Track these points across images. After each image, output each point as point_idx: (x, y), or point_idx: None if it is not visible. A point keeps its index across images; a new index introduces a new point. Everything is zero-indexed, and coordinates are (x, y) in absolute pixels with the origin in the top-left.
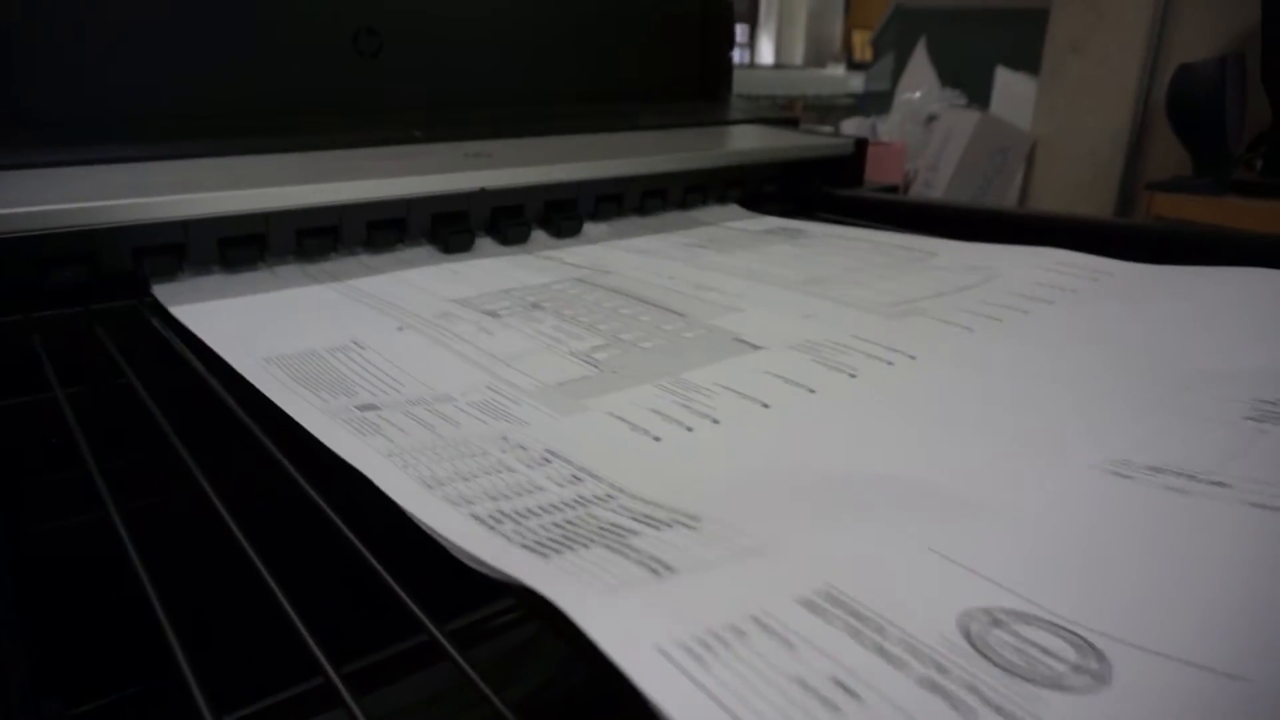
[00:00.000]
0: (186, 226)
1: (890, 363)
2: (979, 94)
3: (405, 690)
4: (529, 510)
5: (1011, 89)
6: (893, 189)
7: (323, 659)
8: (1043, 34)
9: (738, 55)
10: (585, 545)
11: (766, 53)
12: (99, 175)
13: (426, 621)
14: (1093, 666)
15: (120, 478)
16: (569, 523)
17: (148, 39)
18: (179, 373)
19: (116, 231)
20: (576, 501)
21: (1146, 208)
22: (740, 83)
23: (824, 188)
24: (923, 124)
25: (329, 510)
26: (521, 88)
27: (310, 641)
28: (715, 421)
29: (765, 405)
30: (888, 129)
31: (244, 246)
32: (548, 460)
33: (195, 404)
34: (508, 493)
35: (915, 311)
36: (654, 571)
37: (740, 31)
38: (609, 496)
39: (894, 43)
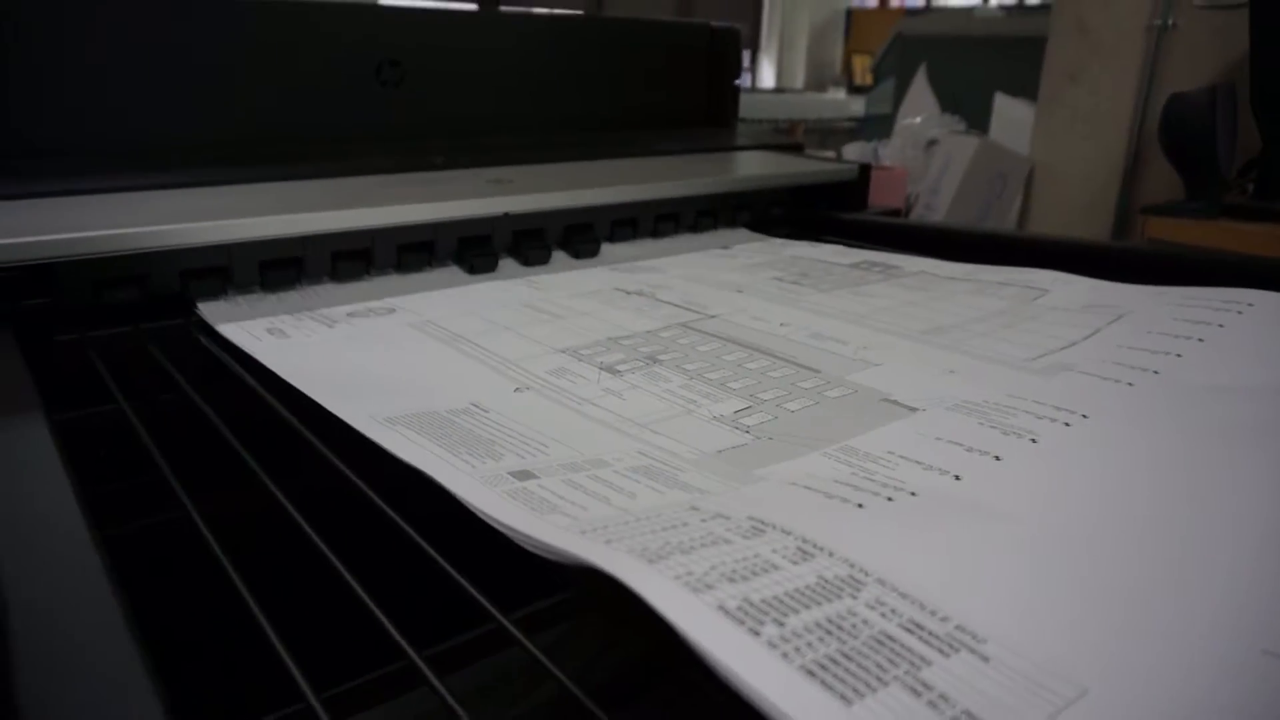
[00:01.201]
0: (230, 250)
1: (1067, 424)
2: (978, 120)
3: (479, 672)
4: (781, 603)
5: (1010, 115)
6: (895, 213)
7: (404, 644)
8: (1040, 62)
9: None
10: (879, 681)
11: (768, 76)
12: (145, 202)
13: (490, 608)
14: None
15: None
16: (837, 627)
17: (187, 74)
18: (229, 385)
19: (166, 255)
20: (822, 587)
21: (1141, 231)
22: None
23: (829, 212)
24: (923, 149)
25: (385, 505)
26: (536, 116)
27: (390, 628)
28: (913, 494)
29: (957, 477)
30: (889, 154)
31: (283, 269)
32: (760, 530)
33: (248, 414)
34: (744, 572)
35: (1061, 366)
36: None
37: (743, 56)
38: (856, 581)
39: (894, 68)
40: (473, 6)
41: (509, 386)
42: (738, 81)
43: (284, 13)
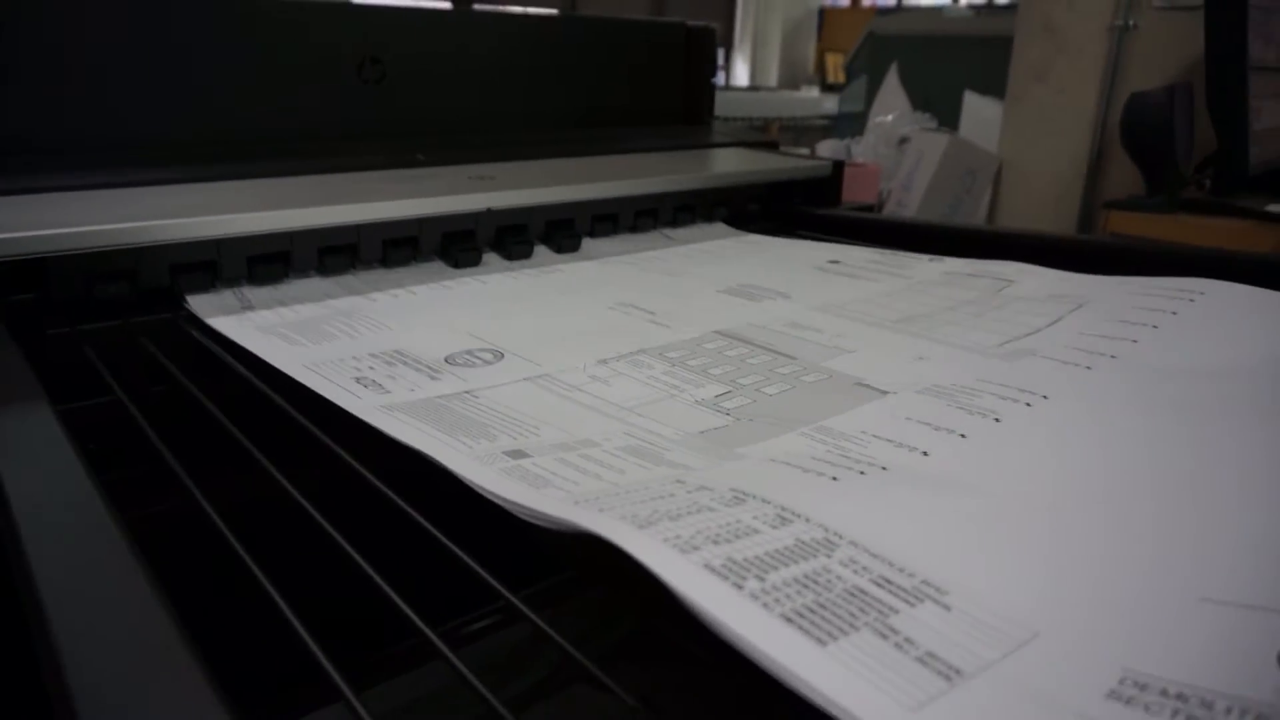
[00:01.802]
0: (218, 245)
1: (1029, 404)
2: (948, 117)
3: (487, 647)
4: (761, 561)
5: (979, 113)
6: (869, 208)
7: (415, 618)
8: (1009, 61)
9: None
10: (851, 627)
11: (742, 75)
12: (133, 198)
13: (491, 580)
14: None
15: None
16: (813, 581)
17: (170, 71)
18: (219, 376)
19: (155, 250)
20: (800, 548)
21: (1103, 225)
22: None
23: (804, 207)
24: (895, 146)
25: (388, 490)
26: (517, 113)
27: (400, 603)
28: (884, 469)
29: (925, 453)
30: (862, 151)
31: (270, 263)
32: (741, 500)
33: (239, 403)
34: (727, 536)
35: (1025, 352)
36: (945, 677)
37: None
38: (830, 543)
39: (867, 67)
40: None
41: (500, 374)
42: (713, 80)
43: (267, 11)
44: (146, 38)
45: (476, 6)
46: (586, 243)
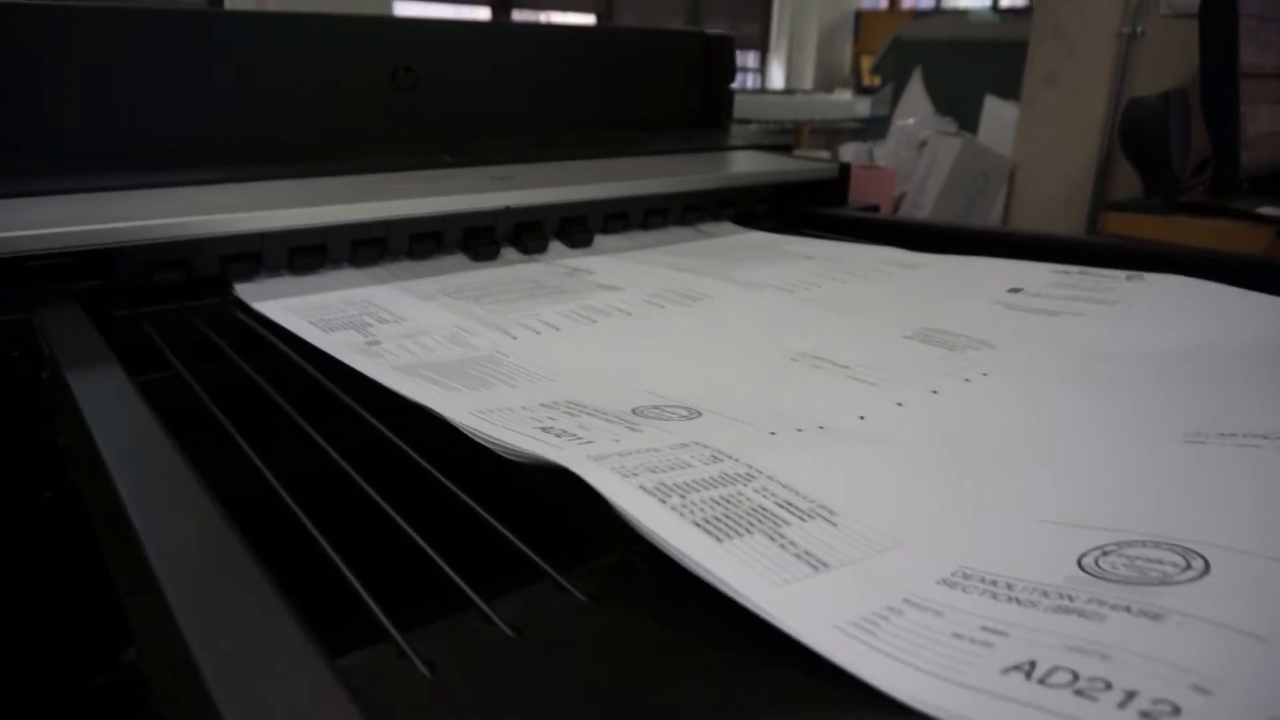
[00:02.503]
0: (262, 238)
1: (967, 379)
2: (971, 121)
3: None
4: (687, 485)
5: (999, 116)
6: (874, 208)
7: (450, 570)
8: None
9: (750, 80)
10: (747, 531)
11: (778, 78)
12: (187, 196)
13: (513, 538)
14: (1197, 565)
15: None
16: (726, 501)
17: (220, 81)
18: (264, 354)
19: (207, 242)
20: (723, 478)
21: (1101, 226)
22: (751, 108)
23: (811, 207)
24: (916, 149)
25: (422, 460)
26: (539, 119)
27: (438, 558)
28: (820, 428)
29: (861, 417)
30: (883, 154)
31: (308, 255)
32: (684, 446)
33: (283, 378)
34: (663, 468)
35: (980, 340)
36: (814, 567)
37: (752, 58)
38: (750, 476)
39: (893, 71)
40: (484, 15)
41: (510, 341)
42: (731, 85)
43: (309, 24)
44: (203, 52)
45: (512, 17)
46: (598, 239)
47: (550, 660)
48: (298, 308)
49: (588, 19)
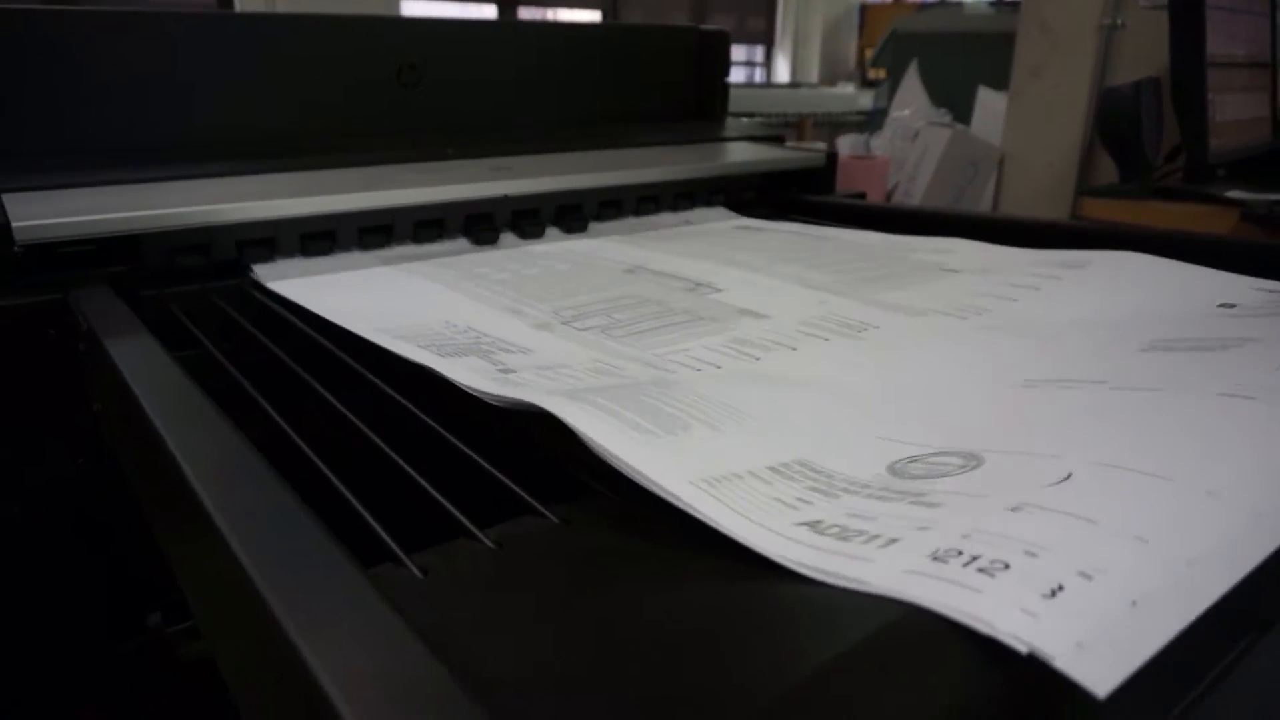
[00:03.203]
0: (277, 224)
1: (861, 333)
2: (966, 112)
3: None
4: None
5: (991, 107)
6: (860, 195)
7: (459, 515)
8: None
9: (755, 74)
10: (681, 431)
11: (783, 71)
12: (207, 187)
13: (515, 488)
14: (971, 462)
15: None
16: (651, 412)
17: (234, 79)
18: (280, 331)
19: (225, 228)
20: (657, 401)
21: (1078, 212)
22: (756, 101)
23: (799, 194)
24: (911, 140)
25: (437, 426)
26: (538, 113)
27: (448, 505)
28: (757, 359)
29: (793, 349)
30: (879, 145)
31: (319, 240)
32: (641, 385)
33: (299, 352)
34: (620, 397)
35: (920, 308)
36: (674, 434)
37: (758, 52)
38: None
39: (890, 64)
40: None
41: (507, 318)
42: (727, 79)
43: (317, 25)
44: (215, 52)
45: (519, 15)
46: (593, 225)
47: (526, 565)
48: (378, 322)
49: (593, 15)
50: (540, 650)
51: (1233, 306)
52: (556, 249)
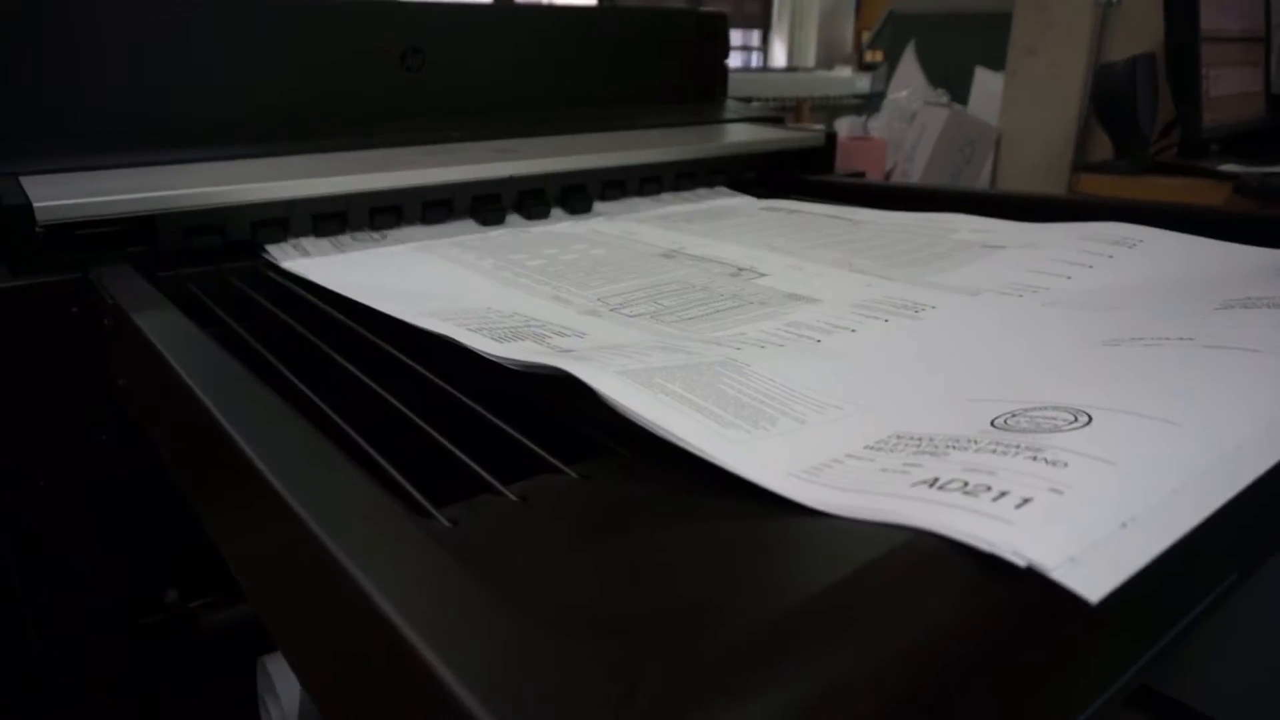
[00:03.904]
0: (290, 205)
1: (917, 313)
2: (964, 93)
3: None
4: (668, 371)
5: (988, 87)
6: (859, 174)
7: (480, 469)
8: None
9: (753, 59)
10: (717, 398)
11: (781, 56)
12: (219, 170)
13: (526, 441)
14: (1081, 419)
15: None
16: (695, 381)
17: (244, 64)
18: (295, 307)
19: (239, 209)
20: (702, 367)
21: (1071, 187)
22: (753, 85)
23: (798, 174)
24: (909, 121)
25: (444, 384)
26: (541, 96)
27: (466, 459)
28: (780, 345)
29: (853, 330)
30: (877, 126)
31: (330, 220)
32: (677, 350)
33: (316, 328)
34: (651, 364)
35: (969, 289)
36: (761, 426)
37: (754, 36)
38: (728, 364)
39: (888, 46)
40: None
41: (552, 305)
42: (726, 61)
43: (325, 10)
44: (225, 38)
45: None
46: (597, 204)
47: (550, 514)
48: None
49: None
50: (568, 579)
51: None
52: (582, 230)
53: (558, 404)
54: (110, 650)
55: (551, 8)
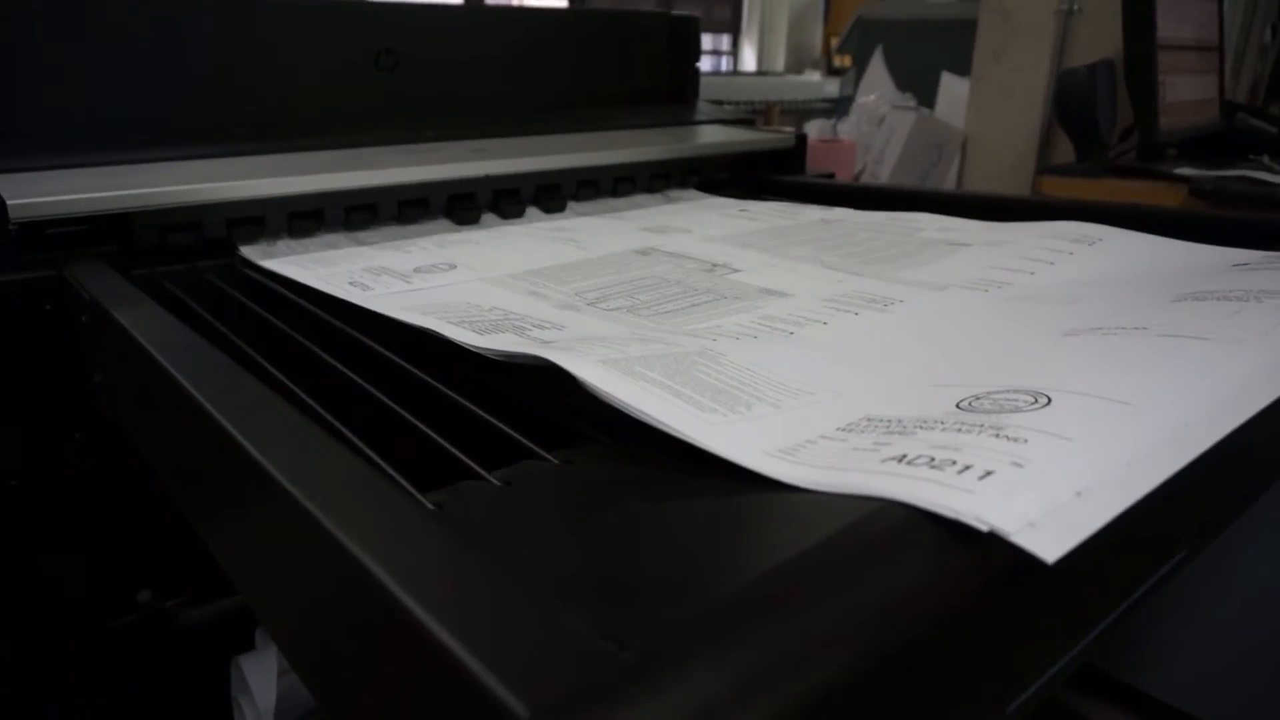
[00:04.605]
0: (265, 204)
1: (886, 308)
2: (931, 97)
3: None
4: (645, 359)
5: (954, 91)
6: (829, 175)
7: (461, 455)
8: None
9: (723, 63)
10: (676, 383)
11: (751, 60)
12: (194, 169)
13: (508, 430)
14: (1041, 400)
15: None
16: (673, 370)
17: (219, 65)
18: (272, 304)
19: (215, 207)
20: (679, 357)
21: (1034, 189)
22: (723, 89)
23: (770, 175)
24: (877, 124)
25: (425, 375)
26: (515, 97)
27: (447, 445)
28: (754, 337)
29: (824, 323)
30: (846, 129)
31: (306, 219)
32: (654, 341)
33: (293, 323)
34: (632, 354)
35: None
36: (736, 410)
37: (724, 40)
38: (703, 354)
39: (856, 50)
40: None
41: (529, 300)
42: (698, 64)
43: (298, 11)
44: (200, 37)
45: (483, 4)
46: (571, 204)
47: (533, 497)
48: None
49: (561, 1)
50: (552, 552)
51: (1246, 264)
52: (549, 229)
53: (539, 394)
54: (84, 651)
55: (523, 10)
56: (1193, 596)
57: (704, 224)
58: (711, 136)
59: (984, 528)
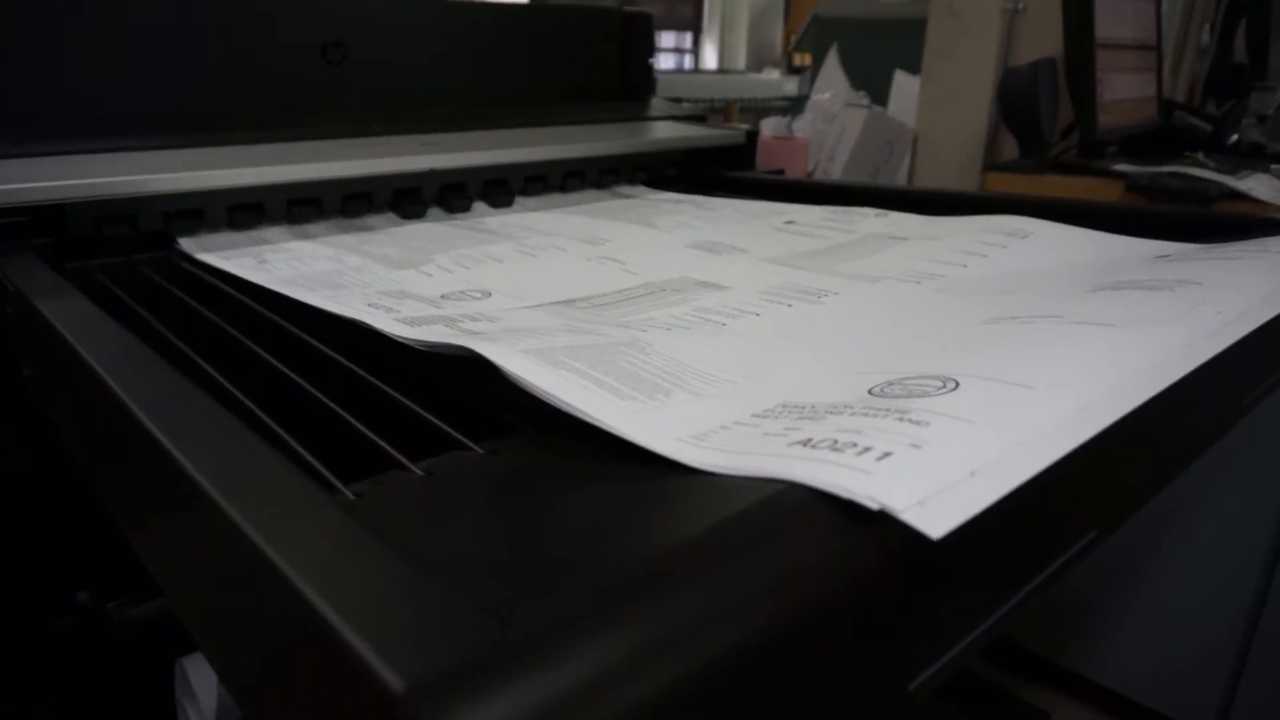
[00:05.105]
0: (205, 196)
1: (821, 299)
2: (884, 95)
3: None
4: (573, 350)
5: (907, 90)
6: (779, 172)
7: (390, 449)
8: None
9: (684, 61)
10: (597, 373)
11: (711, 58)
12: (131, 160)
13: (434, 419)
14: (949, 385)
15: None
16: (598, 359)
17: (162, 54)
18: (209, 298)
19: (152, 199)
20: (606, 347)
21: (980, 185)
22: (684, 87)
23: (720, 171)
24: (830, 121)
25: (355, 367)
26: (465, 91)
27: (375, 438)
28: (686, 327)
29: (757, 314)
30: (800, 126)
31: (247, 212)
32: (586, 333)
33: (229, 316)
34: (560, 344)
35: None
36: (655, 398)
37: (686, 38)
38: (632, 345)
39: (812, 48)
40: None
41: (433, 281)
42: (651, 60)
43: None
44: (144, 25)
45: None
46: (519, 199)
47: (455, 486)
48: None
49: None
50: (463, 537)
51: (1167, 256)
52: (496, 223)
53: (467, 384)
54: (23, 654)
55: (474, 4)
56: (1141, 586)
57: (649, 218)
58: (662, 132)
59: (875, 506)
